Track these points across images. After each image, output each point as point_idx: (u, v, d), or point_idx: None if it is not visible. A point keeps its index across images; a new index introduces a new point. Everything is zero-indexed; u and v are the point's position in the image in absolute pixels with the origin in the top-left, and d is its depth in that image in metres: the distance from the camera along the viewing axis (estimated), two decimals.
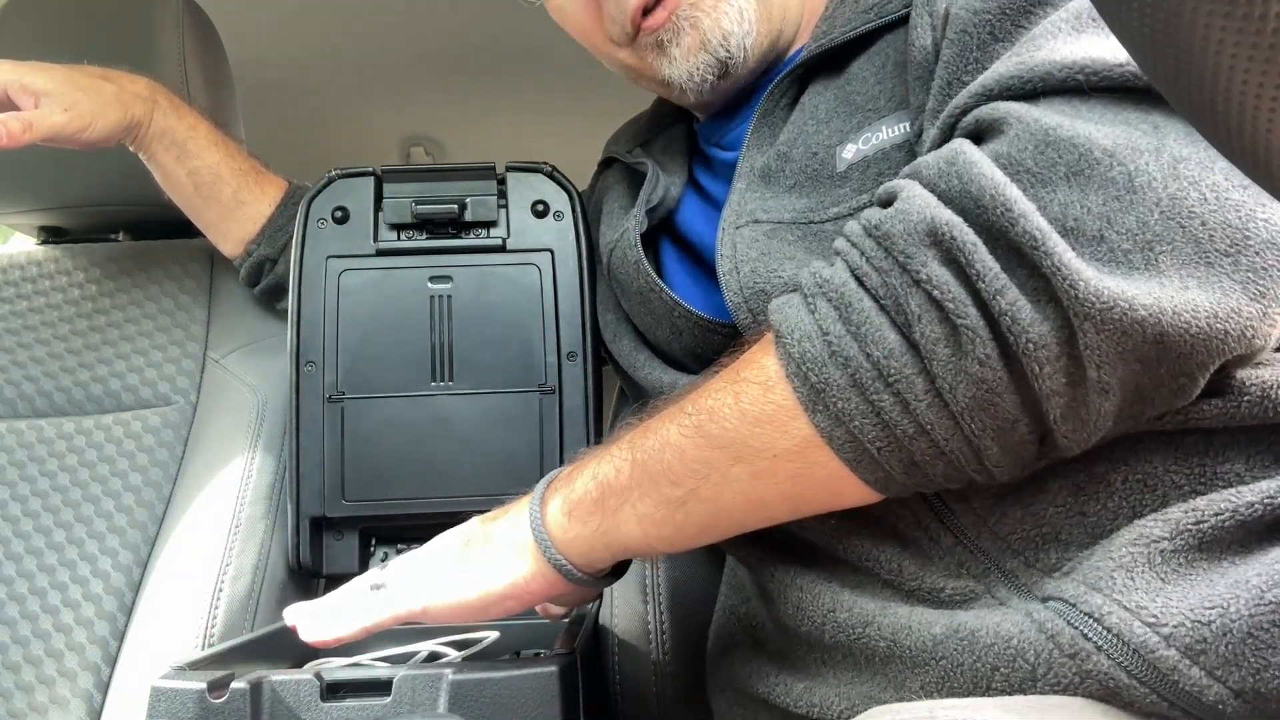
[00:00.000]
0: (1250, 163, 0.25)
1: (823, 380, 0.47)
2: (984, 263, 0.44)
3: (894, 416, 0.46)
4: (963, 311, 0.44)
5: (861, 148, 0.61)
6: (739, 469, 0.51)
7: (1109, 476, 0.49)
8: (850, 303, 0.47)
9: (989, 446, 0.46)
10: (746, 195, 0.66)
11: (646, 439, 0.54)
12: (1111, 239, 0.44)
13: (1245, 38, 0.22)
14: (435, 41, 1.43)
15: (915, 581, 0.53)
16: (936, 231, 0.45)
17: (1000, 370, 0.44)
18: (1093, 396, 0.45)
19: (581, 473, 0.58)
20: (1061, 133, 0.45)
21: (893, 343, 0.46)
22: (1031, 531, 0.50)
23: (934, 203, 0.46)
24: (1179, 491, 0.48)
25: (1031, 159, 0.45)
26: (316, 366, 0.85)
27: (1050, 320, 0.43)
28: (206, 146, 0.93)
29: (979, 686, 0.48)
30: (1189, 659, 0.44)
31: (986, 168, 0.45)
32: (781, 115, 0.67)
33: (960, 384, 0.45)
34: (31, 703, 0.84)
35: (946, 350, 0.45)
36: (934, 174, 0.47)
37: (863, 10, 0.64)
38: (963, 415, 0.46)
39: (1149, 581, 0.46)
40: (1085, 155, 0.45)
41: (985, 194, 0.45)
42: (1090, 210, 0.44)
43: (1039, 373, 0.44)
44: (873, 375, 0.46)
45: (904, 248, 0.46)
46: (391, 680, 0.58)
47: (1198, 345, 0.44)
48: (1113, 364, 0.44)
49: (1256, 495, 0.46)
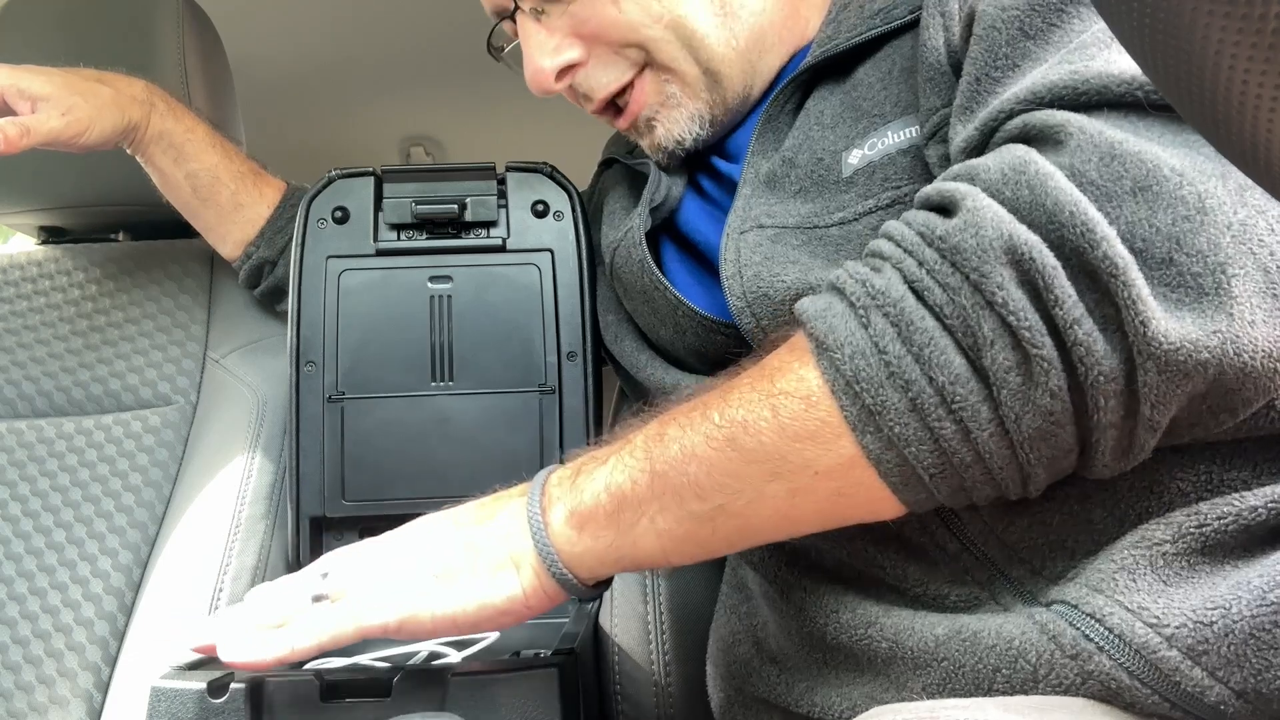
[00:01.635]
0: (1250, 163, 0.25)
1: (879, 403, 0.45)
2: (1063, 289, 0.42)
3: (953, 445, 0.44)
4: (1039, 341, 0.42)
5: (867, 153, 0.61)
6: (775, 486, 0.48)
7: (1116, 484, 0.49)
8: (912, 321, 0.44)
9: (1039, 474, 0.46)
10: (752, 201, 0.66)
11: (666, 448, 0.50)
12: (1181, 262, 0.42)
13: (1245, 38, 0.22)
14: (435, 41, 1.43)
15: (920, 587, 0.53)
16: (1015, 250, 0.43)
17: (1068, 403, 0.43)
18: (1141, 432, 0.44)
19: (590, 479, 0.53)
20: (1128, 147, 0.44)
21: (959, 368, 0.44)
22: (1039, 540, 0.50)
23: (1008, 217, 0.43)
24: (1184, 499, 0.48)
25: (1096, 172, 0.43)
26: (316, 366, 0.85)
27: (1119, 353, 0.42)
28: (204, 149, 0.93)
29: (980, 687, 0.48)
30: (1191, 659, 0.44)
31: (1062, 181, 0.43)
32: (786, 120, 0.67)
33: (1027, 414, 0.43)
34: (31, 703, 0.84)
35: (1017, 379, 0.43)
36: (998, 180, 0.45)
37: (868, 16, 0.64)
38: (1023, 445, 0.44)
39: (1151, 583, 0.46)
40: (1153, 172, 0.43)
41: (1064, 211, 0.42)
42: (1159, 230, 0.42)
43: (1102, 406, 0.43)
44: (935, 401, 0.44)
45: (978, 265, 0.43)
46: (391, 680, 0.58)
47: (1247, 383, 0.43)
48: (1167, 404, 0.43)
49: (1260, 499, 0.46)
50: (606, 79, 0.72)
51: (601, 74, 0.72)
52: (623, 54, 0.71)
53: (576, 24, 0.70)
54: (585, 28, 0.70)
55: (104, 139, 0.87)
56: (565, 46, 0.71)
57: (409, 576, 0.55)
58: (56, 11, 1.06)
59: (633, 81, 0.71)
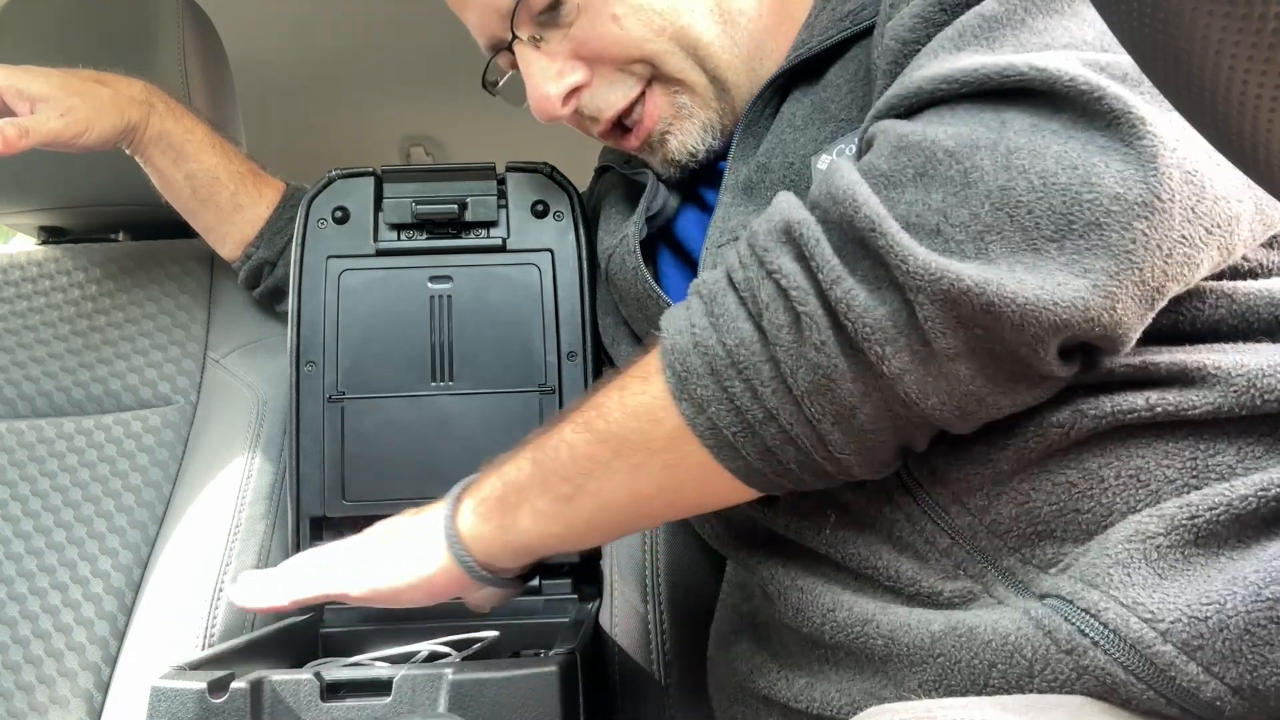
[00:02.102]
0: (1249, 162, 0.25)
1: (686, 369, 0.51)
2: (823, 255, 0.47)
3: (745, 402, 0.49)
4: (803, 299, 0.47)
5: (835, 159, 0.61)
6: (619, 462, 0.54)
7: (1101, 473, 0.49)
8: (715, 296, 0.51)
9: (830, 432, 0.49)
10: (730, 210, 0.66)
11: (548, 439, 0.57)
12: (947, 231, 0.46)
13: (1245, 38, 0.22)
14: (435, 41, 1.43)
15: (913, 586, 0.53)
16: (790, 229, 0.49)
17: (836, 356, 0.47)
18: (946, 364, 0.47)
19: (491, 475, 0.61)
20: (913, 138, 0.48)
21: (745, 331, 0.49)
22: (1027, 529, 0.51)
23: (796, 204, 0.50)
24: (1171, 486, 0.48)
25: (886, 164, 0.49)
26: (316, 366, 0.85)
27: (887, 304, 0.46)
28: (203, 149, 0.93)
29: (976, 683, 0.48)
30: (1186, 655, 0.44)
31: (847, 172, 0.49)
32: (764, 125, 0.68)
33: (800, 368, 0.48)
34: (32, 702, 0.84)
35: (789, 336, 0.48)
36: (816, 187, 0.50)
37: (839, 19, 0.65)
38: (804, 399, 0.48)
39: (1146, 577, 0.46)
40: (930, 157, 0.48)
41: (839, 191, 0.48)
42: (930, 206, 0.47)
43: (882, 354, 0.46)
44: (726, 363, 0.49)
45: (763, 243, 0.49)
46: (391, 680, 0.58)
47: (1028, 317, 0.45)
48: (952, 329, 0.46)
49: (1249, 488, 0.46)
50: (614, 97, 0.71)
51: (608, 93, 0.71)
52: (628, 70, 0.70)
53: (577, 46, 0.69)
54: (586, 49, 0.69)
55: (103, 140, 0.87)
56: (568, 70, 0.70)
57: (358, 553, 0.65)
58: (57, 11, 1.06)
59: (642, 95, 0.71)
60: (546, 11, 0.68)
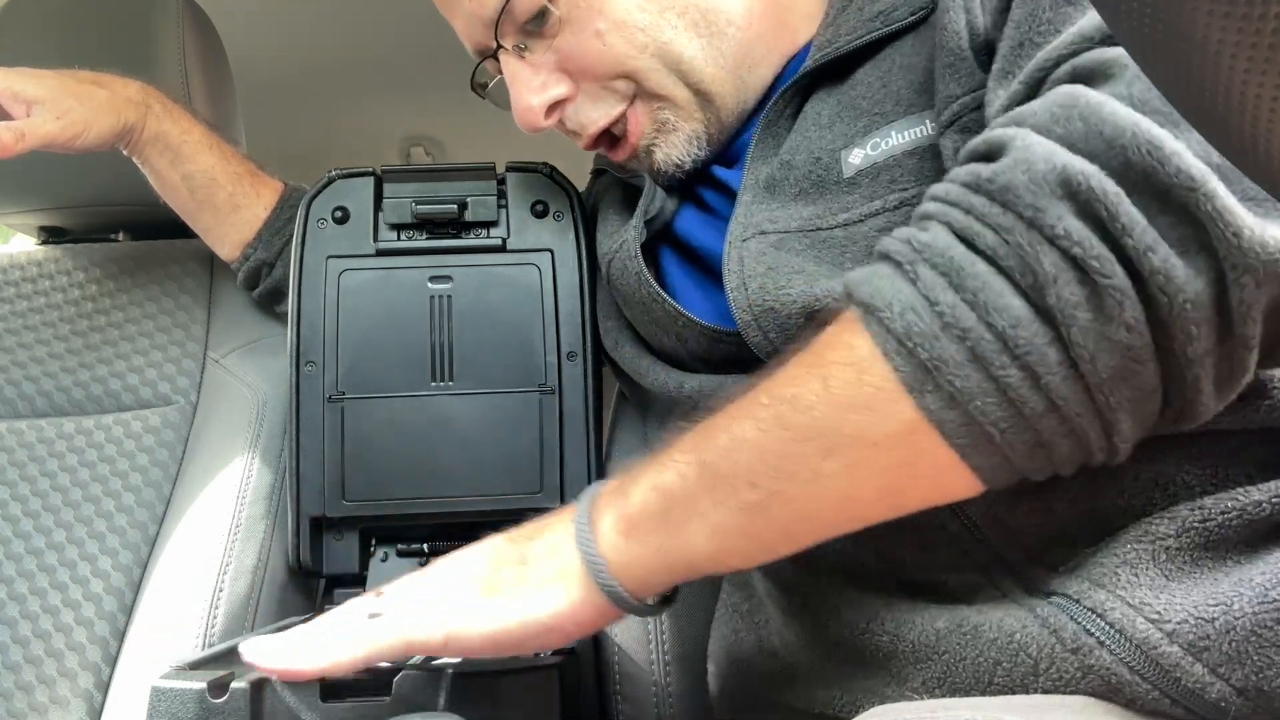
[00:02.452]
0: (1250, 163, 0.25)
1: (935, 357, 0.41)
2: (1129, 215, 0.39)
3: (1023, 393, 0.41)
4: (1109, 270, 0.39)
5: (870, 153, 0.60)
6: (831, 463, 0.44)
7: (1121, 475, 0.49)
8: (962, 267, 0.42)
9: (1122, 420, 0.42)
10: (752, 208, 0.65)
11: (714, 438, 0.47)
12: (1242, 180, 0.39)
13: (1245, 38, 0.22)
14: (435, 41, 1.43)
15: (919, 573, 0.53)
16: (1071, 181, 0.40)
17: (1147, 337, 0.40)
18: (1240, 352, 0.41)
19: (636, 483, 0.50)
20: None
21: (1019, 310, 0.41)
22: (1042, 526, 0.50)
23: (1060, 149, 0.41)
24: (1189, 491, 0.48)
25: (1158, 99, 0.40)
26: (316, 366, 0.85)
27: (1204, 275, 0.39)
28: (201, 150, 0.93)
29: (981, 681, 0.48)
30: (1191, 655, 0.44)
31: (1118, 106, 0.40)
32: (785, 125, 0.67)
33: (1102, 352, 0.40)
34: (32, 702, 0.84)
35: (1087, 315, 0.40)
36: (1046, 121, 0.42)
37: (868, 18, 0.64)
38: (1100, 388, 0.41)
39: (1153, 578, 0.46)
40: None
41: (1125, 133, 0.40)
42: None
43: (1196, 334, 0.40)
44: (996, 348, 0.41)
45: (1032, 200, 0.40)
46: (392, 680, 0.58)
47: None
48: (1259, 319, 0.40)
49: (1265, 494, 0.46)
50: (596, 114, 0.71)
51: (591, 109, 0.71)
52: (611, 87, 0.70)
53: (561, 59, 0.69)
54: (570, 63, 0.69)
55: (100, 141, 0.87)
56: (552, 82, 0.70)
57: (457, 593, 0.52)
58: (56, 11, 1.06)
59: (625, 113, 0.71)
60: (530, 22, 0.68)
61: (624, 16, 0.67)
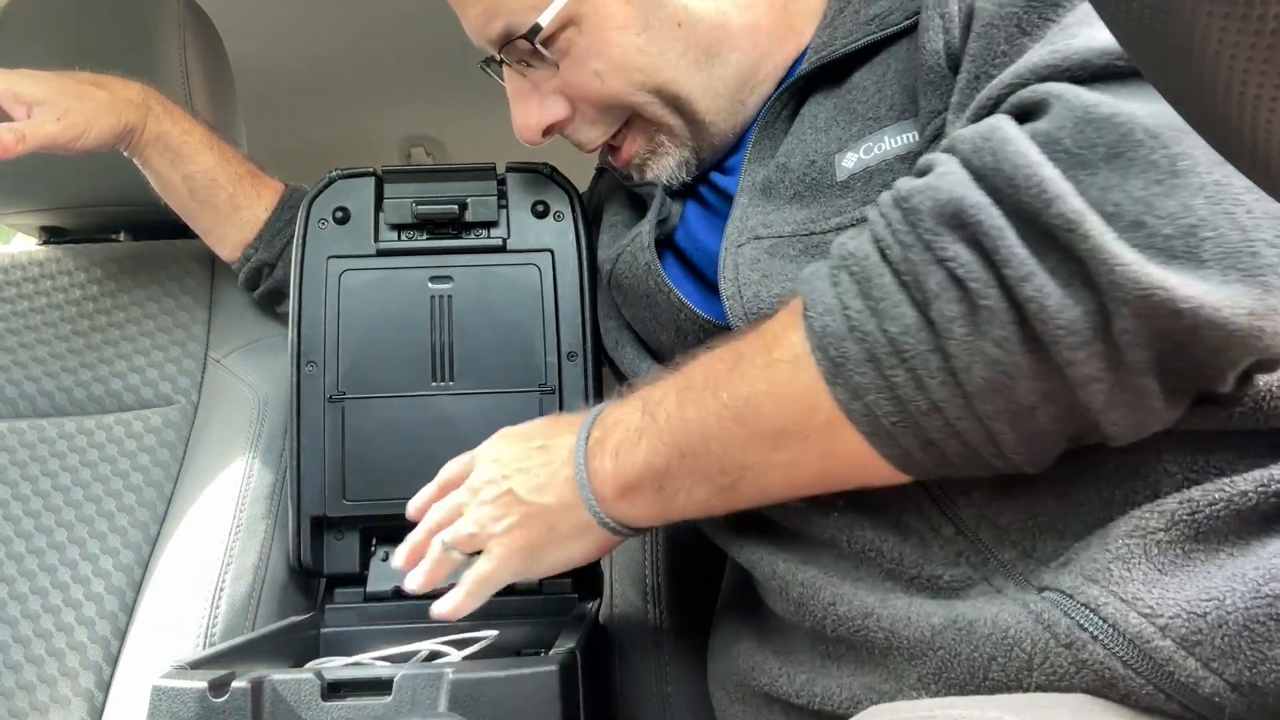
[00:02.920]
0: (1249, 163, 0.25)
1: (841, 354, 0.48)
2: (1009, 248, 0.43)
3: (908, 392, 0.46)
4: (985, 293, 0.44)
5: (863, 157, 0.61)
6: (780, 455, 0.53)
7: (1102, 466, 0.49)
8: (870, 277, 0.47)
9: (1003, 431, 0.46)
10: (748, 211, 0.66)
11: (689, 430, 0.56)
12: (1152, 224, 0.42)
13: (1245, 38, 0.22)
14: (435, 41, 1.43)
15: (915, 570, 0.53)
16: (964, 214, 0.44)
17: (1019, 354, 0.44)
18: (1136, 378, 0.44)
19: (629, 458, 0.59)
20: (1103, 110, 0.44)
21: (909, 319, 0.46)
22: (1029, 522, 0.51)
23: (966, 181, 0.45)
24: (1171, 480, 0.49)
25: (1070, 138, 0.44)
26: (317, 366, 0.85)
27: (1082, 304, 0.43)
28: (201, 151, 0.93)
29: (975, 676, 0.49)
30: (1184, 650, 0.44)
31: (1023, 144, 0.44)
32: (782, 128, 0.68)
33: (975, 364, 0.45)
34: (33, 701, 0.84)
35: (963, 329, 0.45)
36: (969, 149, 0.46)
37: (864, 21, 0.64)
38: (976, 396, 0.45)
39: (1146, 573, 0.46)
40: (1127, 136, 0.43)
41: (1019, 173, 0.43)
42: (1130, 195, 0.42)
43: (1071, 359, 0.43)
44: (888, 350, 0.46)
45: (930, 225, 0.45)
46: (392, 680, 0.58)
47: (1234, 341, 0.43)
48: (1146, 344, 0.43)
49: (1249, 484, 0.46)
50: (594, 134, 0.74)
51: (588, 130, 0.74)
52: (608, 112, 0.72)
53: (562, 84, 0.71)
54: (569, 90, 0.71)
55: (100, 142, 0.87)
56: (550, 104, 0.72)
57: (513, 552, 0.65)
58: (58, 12, 1.06)
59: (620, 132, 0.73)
60: (531, 54, 0.70)
61: (622, 59, 0.68)
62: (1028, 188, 0.43)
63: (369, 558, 0.86)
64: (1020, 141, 0.44)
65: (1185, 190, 0.42)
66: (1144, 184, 0.43)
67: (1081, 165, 0.43)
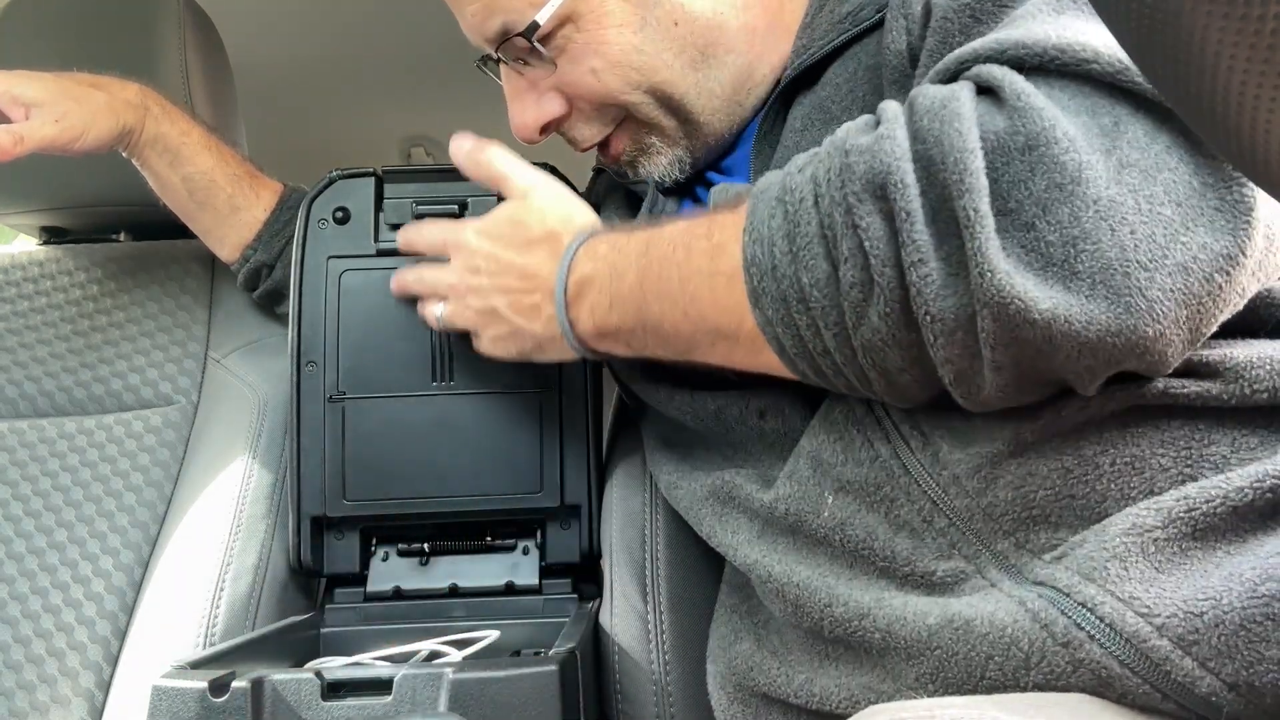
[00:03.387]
0: (1249, 163, 0.25)
1: (761, 286, 0.52)
2: (913, 232, 0.46)
3: (808, 335, 0.52)
4: (880, 269, 0.47)
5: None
6: (719, 347, 0.59)
7: (1097, 460, 0.50)
8: (799, 222, 0.50)
9: (877, 381, 0.52)
10: None
11: (648, 310, 0.61)
12: (1041, 229, 0.45)
13: (1245, 38, 0.22)
14: (435, 41, 1.43)
15: (908, 566, 0.53)
16: (888, 188, 0.47)
17: (897, 328, 0.48)
18: (986, 371, 0.47)
19: (605, 314, 0.64)
20: (1034, 101, 0.46)
21: (822, 271, 0.49)
22: (1022, 513, 0.51)
23: (903, 151, 0.47)
24: (1166, 475, 0.49)
25: (1004, 123, 0.46)
26: (317, 366, 0.85)
27: (957, 296, 0.46)
28: (200, 152, 0.93)
29: (973, 676, 0.49)
30: (1181, 649, 0.44)
31: (966, 124, 0.46)
32: (776, 134, 0.69)
33: (861, 326, 0.49)
34: (33, 701, 0.84)
35: (858, 294, 0.48)
36: (923, 109, 0.48)
37: (837, 21, 0.65)
38: (858, 350, 0.50)
39: (1143, 571, 0.46)
40: (1046, 131, 0.45)
41: (950, 154, 0.46)
42: (1032, 194, 0.45)
43: (934, 342, 0.47)
44: (798, 297, 0.51)
45: (857, 189, 0.48)
46: (392, 679, 0.58)
47: (1085, 353, 0.45)
48: (1005, 347, 0.46)
49: (1245, 480, 0.46)
50: (589, 132, 0.75)
51: (584, 128, 0.75)
52: (604, 110, 0.73)
53: (558, 82, 0.72)
54: (566, 88, 0.72)
55: (98, 144, 0.87)
56: (547, 102, 0.73)
57: (504, 348, 0.73)
58: (58, 13, 1.06)
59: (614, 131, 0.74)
60: (528, 52, 0.71)
61: (619, 58, 0.69)
62: (951, 171, 0.45)
63: (369, 558, 0.86)
64: (965, 120, 0.46)
65: (1079, 200, 0.44)
66: (1046, 184, 0.45)
67: (1002, 151, 0.46)
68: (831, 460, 0.58)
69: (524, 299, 0.68)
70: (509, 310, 0.69)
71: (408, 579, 0.85)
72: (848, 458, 0.57)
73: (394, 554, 0.86)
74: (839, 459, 0.57)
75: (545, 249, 0.68)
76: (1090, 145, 0.45)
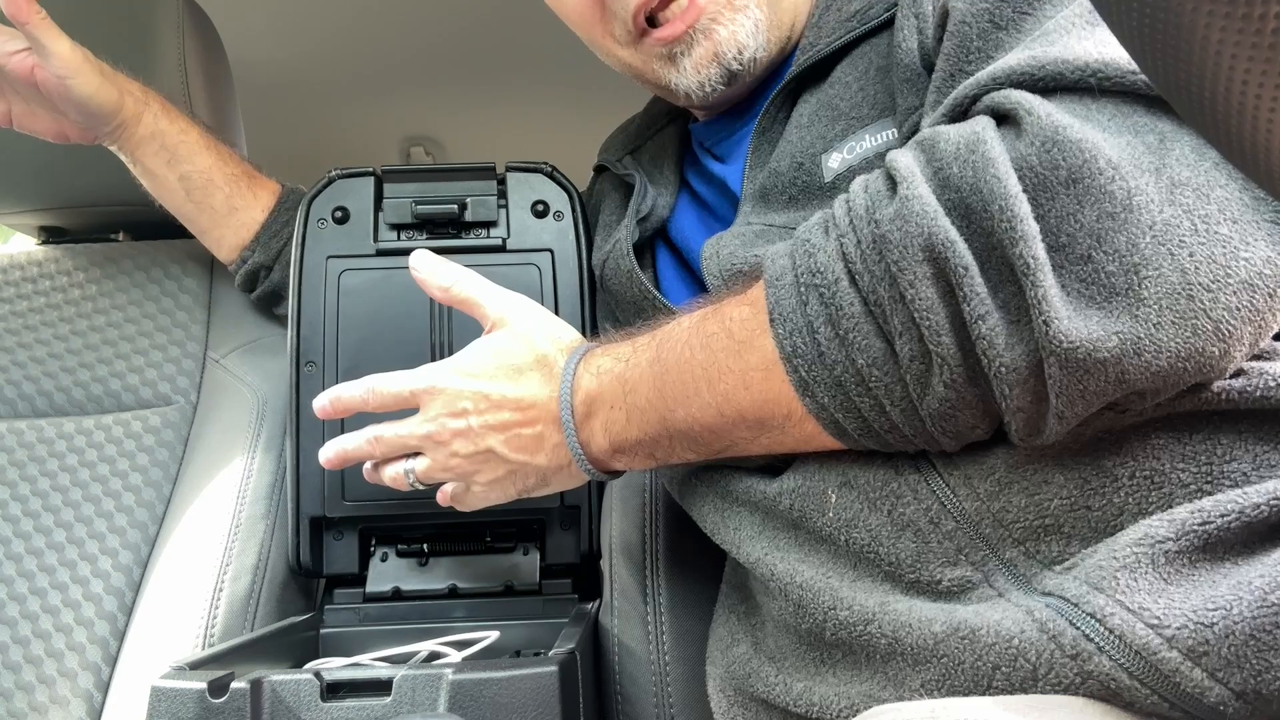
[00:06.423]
0: (1250, 163, 0.25)
1: (811, 376, 0.51)
2: (973, 286, 0.45)
3: (872, 415, 0.51)
4: (936, 340, 0.47)
5: (846, 157, 0.62)
6: (764, 438, 0.57)
7: (1115, 472, 0.49)
8: (841, 305, 0.49)
9: (948, 443, 0.51)
10: (750, 218, 0.67)
11: (674, 415, 0.59)
12: (1098, 259, 0.44)
13: (1245, 38, 0.22)
14: (435, 41, 1.44)
15: (914, 571, 0.53)
16: (934, 249, 0.46)
17: (965, 391, 0.48)
18: (1050, 419, 0.47)
19: (623, 430, 0.62)
20: (1070, 134, 0.45)
21: (878, 351, 0.49)
22: (1034, 521, 0.50)
23: (935, 209, 0.46)
24: (1185, 490, 0.48)
25: (1038, 158, 0.45)
26: (317, 366, 0.85)
27: (1024, 344, 0.45)
28: (198, 151, 0.93)
29: (980, 685, 0.48)
30: (1191, 660, 0.43)
31: (1003, 168, 0.45)
32: (777, 131, 0.68)
33: (927, 397, 0.49)
34: (32, 702, 0.84)
35: (920, 367, 0.48)
36: (951, 154, 0.47)
37: (846, 18, 0.65)
38: (928, 419, 0.50)
39: (1152, 582, 0.45)
40: (1089, 163, 0.45)
41: (995, 203, 0.45)
42: (1083, 226, 0.44)
43: (1007, 394, 0.47)
44: (856, 380, 0.50)
45: (898, 259, 0.47)
46: (392, 680, 0.58)
47: (1157, 382, 0.45)
48: (1072, 398, 0.46)
49: (1263, 496, 0.46)
50: None
51: None
52: None
53: None
54: None
55: (91, 99, 0.86)
56: None
57: (501, 492, 0.69)
58: (57, 12, 1.06)
59: None
60: None
61: None
62: (1001, 220, 0.45)
63: (368, 558, 0.86)
64: (1001, 165, 0.45)
65: (1135, 226, 0.44)
66: (1097, 215, 0.44)
67: (1044, 187, 0.45)
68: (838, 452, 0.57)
69: (524, 432, 0.65)
70: (506, 448, 0.65)
71: (407, 579, 0.85)
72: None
73: (393, 554, 0.86)
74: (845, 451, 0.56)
75: (538, 374, 0.65)
76: (1138, 167, 0.45)
